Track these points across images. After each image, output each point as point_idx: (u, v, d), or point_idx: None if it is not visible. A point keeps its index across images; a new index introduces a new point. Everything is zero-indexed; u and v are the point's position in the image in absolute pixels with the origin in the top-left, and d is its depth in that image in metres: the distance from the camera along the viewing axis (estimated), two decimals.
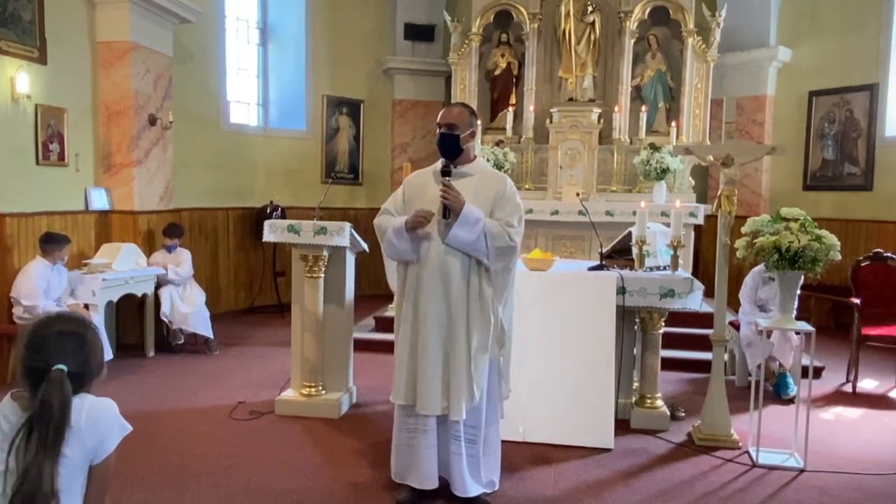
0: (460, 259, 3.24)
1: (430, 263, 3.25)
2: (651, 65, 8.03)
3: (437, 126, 3.38)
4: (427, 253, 3.26)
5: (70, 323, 1.90)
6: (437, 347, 3.25)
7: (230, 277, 8.50)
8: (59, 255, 5.47)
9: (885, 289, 5.78)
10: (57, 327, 1.87)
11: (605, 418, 4.22)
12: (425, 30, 9.41)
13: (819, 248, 3.86)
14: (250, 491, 3.53)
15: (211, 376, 5.68)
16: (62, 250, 5.48)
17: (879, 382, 5.80)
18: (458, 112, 3.37)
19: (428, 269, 3.26)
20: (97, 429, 1.88)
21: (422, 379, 3.26)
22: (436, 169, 3.35)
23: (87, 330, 1.91)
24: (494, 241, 3.23)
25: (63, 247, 5.49)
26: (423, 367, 3.26)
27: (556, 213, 7.14)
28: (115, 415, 1.94)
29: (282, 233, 4.68)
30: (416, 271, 3.30)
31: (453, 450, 3.32)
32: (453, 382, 3.24)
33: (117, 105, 6.60)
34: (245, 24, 8.97)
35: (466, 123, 3.35)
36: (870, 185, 7.83)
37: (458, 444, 3.31)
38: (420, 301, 3.28)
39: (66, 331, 1.87)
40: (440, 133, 3.33)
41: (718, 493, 3.62)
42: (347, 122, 9.47)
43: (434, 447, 3.33)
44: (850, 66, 7.95)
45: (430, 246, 3.25)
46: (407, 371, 3.31)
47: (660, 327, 4.59)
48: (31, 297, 5.27)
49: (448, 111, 3.39)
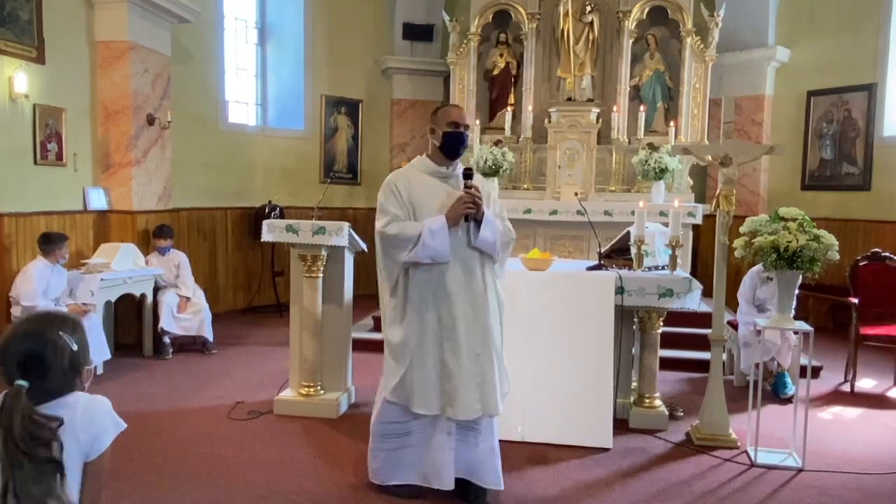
0: (477, 258, 3.32)
1: (453, 266, 3.25)
2: (649, 65, 8.03)
3: (450, 125, 3.32)
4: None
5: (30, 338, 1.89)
6: (470, 350, 3.25)
7: (229, 277, 8.49)
8: (60, 254, 5.47)
9: (884, 288, 5.78)
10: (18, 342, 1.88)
11: (603, 418, 4.23)
12: (424, 30, 9.41)
13: (817, 247, 3.87)
14: (249, 491, 3.53)
15: (209, 376, 5.67)
16: (62, 248, 5.49)
17: (877, 382, 5.80)
18: (464, 112, 3.45)
19: (452, 272, 3.25)
20: (91, 426, 1.89)
21: (459, 385, 3.23)
22: (429, 168, 3.39)
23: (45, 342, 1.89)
24: (503, 236, 3.39)
25: (62, 245, 5.49)
26: (460, 373, 3.23)
27: (554, 213, 7.14)
28: (110, 412, 1.96)
29: (280, 233, 4.67)
30: (437, 276, 3.25)
31: (483, 446, 3.33)
32: (487, 380, 3.27)
33: (116, 105, 6.60)
34: (244, 23, 8.97)
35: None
36: (868, 184, 7.84)
37: (483, 437, 3.33)
38: (443, 306, 3.24)
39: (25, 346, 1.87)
40: (457, 133, 3.33)
41: (717, 493, 3.62)
42: (346, 122, 9.47)
43: (454, 449, 3.32)
44: (849, 66, 7.96)
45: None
46: (439, 381, 3.26)
47: (658, 327, 4.59)
48: (31, 297, 5.26)
49: (459, 111, 3.40)
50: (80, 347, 1.95)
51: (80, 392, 1.95)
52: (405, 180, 3.37)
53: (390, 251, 3.28)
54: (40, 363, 1.87)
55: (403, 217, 3.29)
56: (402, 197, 3.32)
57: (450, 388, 3.24)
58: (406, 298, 3.31)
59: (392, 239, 3.26)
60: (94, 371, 2.04)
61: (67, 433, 1.84)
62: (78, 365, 1.94)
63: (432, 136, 3.40)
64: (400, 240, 3.23)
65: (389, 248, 3.28)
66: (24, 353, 1.86)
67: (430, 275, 3.26)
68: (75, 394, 1.92)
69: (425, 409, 3.28)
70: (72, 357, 1.92)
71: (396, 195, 3.32)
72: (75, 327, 1.97)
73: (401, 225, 3.26)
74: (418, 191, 3.33)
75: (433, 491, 3.36)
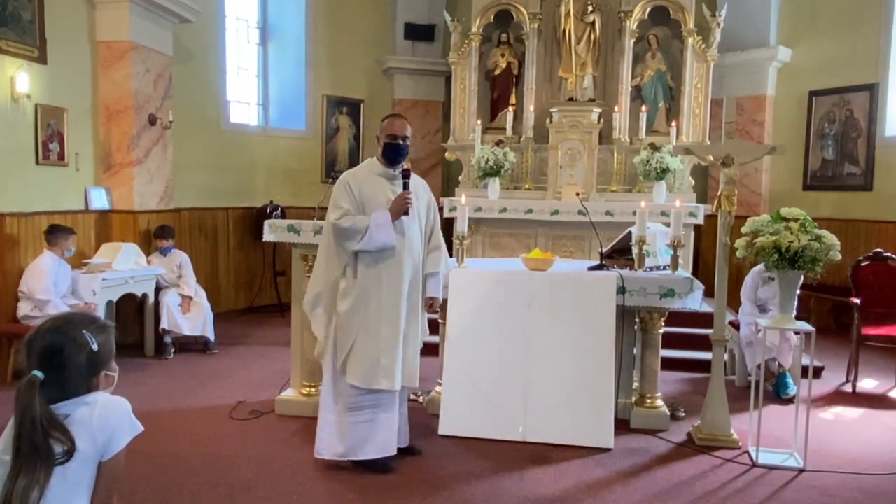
0: (417, 252, 3.88)
1: (398, 256, 3.75)
2: (651, 65, 8.02)
3: (389, 137, 3.80)
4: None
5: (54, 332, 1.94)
6: (405, 327, 3.80)
7: (230, 277, 8.50)
8: (66, 246, 5.51)
9: (885, 289, 5.78)
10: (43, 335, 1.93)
11: (604, 418, 4.23)
12: (425, 29, 9.41)
13: (819, 247, 3.86)
14: (250, 491, 3.53)
15: (211, 376, 5.68)
16: (68, 240, 5.54)
17: (879, 382, 5.80)
18: (407, 124, 3.88)
19: (395, 259, 3.74)
20: (107, 425, 1.92)
21: (405, 359, 3.80)
22: (378, 170, 3.84)
23: (66, 337, 1.93)
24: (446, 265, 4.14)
25: (68, 237, 5.58)
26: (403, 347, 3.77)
27: (556, 213, 7.13)
28: (128, 413, 1.99)
29: (282, 232, 4.68)
30: (383, 264, 3.72)
31: (402, 412, 3.95)
32: (412, 354, 3.86)
33: (117, 105, 6.60)
34: (245, 23, 8.98)
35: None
36: (870, 184, 7.83)
37: (402, 404, 3.95)
38: (384, 288, 3.72)
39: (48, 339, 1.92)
40: (395, 144, 3.80)
41: (718, 493, 3.62)
42: (347, 122, 9.47)
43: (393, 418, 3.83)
44: (850, 65, 7.95)
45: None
46: (393, 355, 3.73)
47: (660, 327, 4.59)
48: (45, 291, 5.32)
49: (402, 123, 3.85)
50: (101, 349, 1.98)
51: (101, 392, 1.98)
52: (357, 179, 3.82)
53: (342, 242, 3.73)
54: (59, 356, 1.90)
55: (354, 211, 3.73)
56: (353, 193, 3.77)
57: (385, 363, 3.71)
58: (354, 282, 3.75)
59: (345, 231, 3.69)
60: (115, 379, 2.07)
61: (84, 432, 1.88)
62: (96, 365, 1.97)
63: (378, 143, 3.86)
64: (352, 232, 3.68)
65: (341, 240, 3.72)
66: (45, 345, 1.91)
67: (377, 262, 3.73)
68: (95, 394, 1.96)
69: (389, 384, 3.71)
70: (91, 356, 1.95)
71: (349, 192, 3.77)
72: (102, 329, 2.02)
73: (352, 219, 3.70)
74: (367, 189, 3.79)
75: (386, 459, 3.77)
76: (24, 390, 1.84)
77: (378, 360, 3.70)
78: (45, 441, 1.81)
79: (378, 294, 3.73)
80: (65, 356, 1.90)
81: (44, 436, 1.81)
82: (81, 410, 1.90)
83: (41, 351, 1.89)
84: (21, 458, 1.81)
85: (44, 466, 1.81)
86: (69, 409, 1.89)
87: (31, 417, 1.81)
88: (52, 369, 1.88)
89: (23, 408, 1.82)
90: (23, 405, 1.82)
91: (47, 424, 1.82)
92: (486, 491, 3.57)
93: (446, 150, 8.32)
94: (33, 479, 1.79)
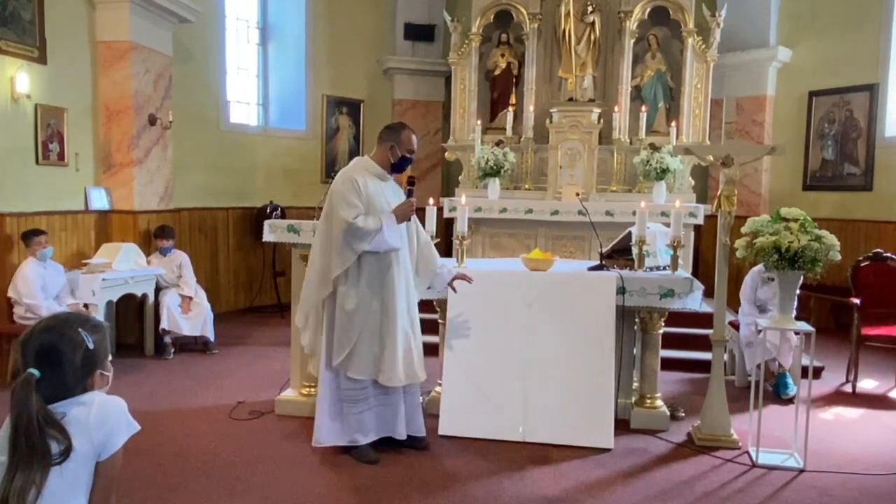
0: (412, 248, 4.07)
1: (396, 260, 3.88)
2: (651, 65, 8.02)
3: (408, 151, 3.98)
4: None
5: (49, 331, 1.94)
6: (404, 324, 3.92)
7: (230, 277, 8.50)
8: (39, 245, 5.44)
9: (885, 289, 5.78)
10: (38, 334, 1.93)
11: (604, 418, 4.23)
12: (425, 30, 9.41)
13: (819, 248, 3.86)
14: (250, 491, 3.53)
15: (211, 376, 5.68)
16: (39, 240, 5.46)
17: (879, 382, 5.80)
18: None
19: (396, 259, 3.87)
20: (104, 425, 1.92)
21: (405, 355, 3.89)
22: (375, 171, 3.95)
23: (61, 335, 1.93)
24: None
25: (39, 237, 5.48)
26: (402, 344, 3.88)
27: (556, 213, 7.13)
28: (124, 413, 1.99)
29: (282, 232, 4.68)
30: (384, 266, 3.85)
31: (414, 401, 4.07)
32: (413, 350, 3.96)
33: (117, 105, 6.60)
34: (245, 23, 8.97)
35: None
36: (869, 185, 7.83)
37: (417, 395, 4.10)
38: (386, 287, 3.84)
39: (43, 338, 1.92)
40: (410, 158, 4.02)
41: (718, 494, 3.62)
42: (347, 122, 9.47)
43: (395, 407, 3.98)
44: (850, 66, 7.95)
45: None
46: (403, 352, 3.87)
47: (660, 327, 4.59)
48: (31, 295, 5.30)
49: (417, 140, 4.04)
50: (96, 347, 1.99)
51: (97, 392, 1.98)
52: (361, 179, 3.86)
53: (353, 241, 3.75)
54: (54, 355, 1.91)
55: (363, 211, 3.78)
56: (361, 192, 3.81)
57: (385, 359, 3.84)
58: (358, 281, 3.83)
59: (360, 231, 3.72)
60: (109, 379, 2.07)
61: (81, 431, 1.87)
62: (92, 364, 1.97)
63: (391, 151, 3.95)
64: (365, 232, 3.72)
65: (353, 239, 3.74)
66: (41, 344, 1.91)
67: (379, 262, 3.83)
68: (91, 393, 1.96)
69: (397, 381, 3.84)
70: (86, 354, 1.95)
71: (358, 190, 3.80)
72: (97, 328, 2.02)
73: (366, 219, 3.75)
74: (370, 189, 3.86)
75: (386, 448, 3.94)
76: (20, 389, 1.84)
77: (379, 356, 3.84)
78: (42, 440, 1.81)
79: (380, 293, 3.85)
80: (60, 354, 1.91)
81: (40, 434, 1.81)
82: (78, 410, 1.89)
83: (37, 350, 1.89)
84: (18, 457, 1.80)
85: (41, 466, 1.80)
86: (66, 409, 1.89)
87: (28, 416, 1.80)
88: (47, 368, 1.88)
89: (19, 406, 1.82)
90: (19, 403, 1.82)
91: (44, 423, 1.82)
92: (486, 491, 3.57)
93: (446, 151, 8.31)
94: (30, 479, 1.79)
